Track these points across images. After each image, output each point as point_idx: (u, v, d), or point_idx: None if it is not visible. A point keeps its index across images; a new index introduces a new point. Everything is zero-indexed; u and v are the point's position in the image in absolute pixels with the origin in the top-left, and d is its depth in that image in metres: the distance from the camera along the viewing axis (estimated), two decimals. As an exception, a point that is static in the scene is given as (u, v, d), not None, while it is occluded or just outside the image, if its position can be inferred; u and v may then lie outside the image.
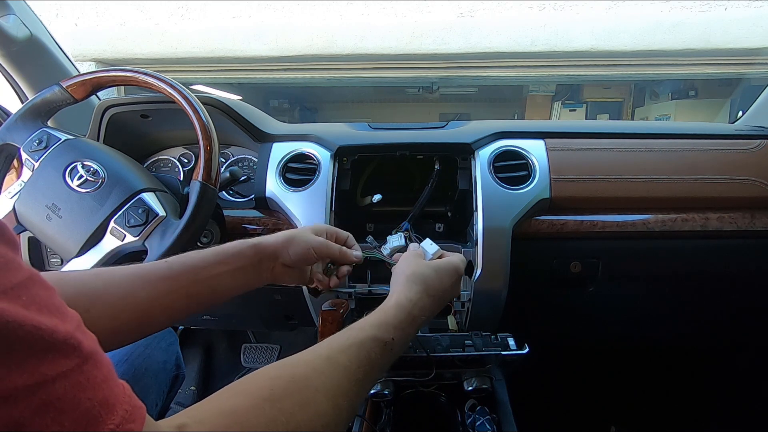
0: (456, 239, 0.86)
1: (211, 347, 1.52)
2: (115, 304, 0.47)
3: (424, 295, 0.52)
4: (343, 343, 0.42)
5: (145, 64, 4.13)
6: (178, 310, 0.51)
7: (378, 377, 0.44)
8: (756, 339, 1.04)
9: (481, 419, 0.69)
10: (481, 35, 4.02)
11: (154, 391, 0.72)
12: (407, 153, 0.87)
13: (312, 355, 0.40)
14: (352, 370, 0.40)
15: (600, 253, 0.86)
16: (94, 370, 0.24)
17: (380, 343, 0.44)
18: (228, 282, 0.54)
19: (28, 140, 0.74)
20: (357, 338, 0.43)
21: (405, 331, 0.48)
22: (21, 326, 0.21)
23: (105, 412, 0.23)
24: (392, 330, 0.46)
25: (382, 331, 0.45)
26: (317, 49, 4.12)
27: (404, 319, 0.48)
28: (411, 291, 0.52)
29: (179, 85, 0.73)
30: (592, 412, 1.22)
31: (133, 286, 0.49)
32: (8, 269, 0.22)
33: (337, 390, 0.38)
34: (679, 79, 4.98)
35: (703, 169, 0.85)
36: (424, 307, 0.51)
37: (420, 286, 0.53)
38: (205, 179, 0.70)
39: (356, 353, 0.41)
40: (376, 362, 0.43)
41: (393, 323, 0.47)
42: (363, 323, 0.46)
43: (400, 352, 0.48)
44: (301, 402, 0.34)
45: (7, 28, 0.93)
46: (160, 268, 0.51)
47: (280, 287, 0.89)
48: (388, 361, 0.45)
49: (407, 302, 0.50)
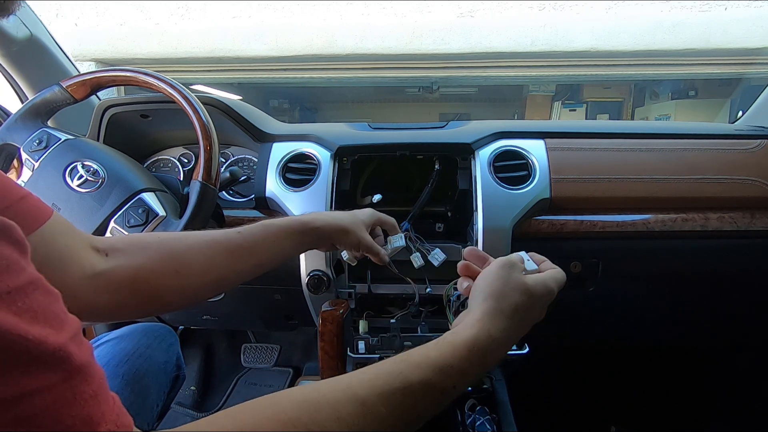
0: (456, 239, 0.86)
1: (211, 347, 1.52)
2: (199, 267, 0.52)
3: (512, 333, 0.41)
4: (386, 383, 0.33)
5: (145, 64, 4.13)
6: (247, 273, 0.57)
7: (425, 421, 0.35)
8: (756, 339, 1.04)
9: (481, 419, 0.69)
10: (481, 35, 4.02)
11: (155, 391, 0.72)
12: (407, 153, 0.87)
13: (341, 391, 0.32)
14: (390, 423, 0.32)
15: (600, 253, 0.86)
16: (82, 385, 0.23)
17: (437, 391, 0.35)
18: (289, 253, 0.60)
19: (28, 140, 0.74)
20: (406, 380, 0.33)
21: (472, 377, 0.38)
22: (6, 335, 0.20)
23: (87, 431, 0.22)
24: (457, 376, 0.36)
25: (443, 376, 0.35)
26: (317, 49, 4.12)
27: (477, 362, 0.38)
28: (495, 326, 0.40)
29: (179, 85, 0.73)
30: (592, 412, 1.22)
31: (213, 252, 0.53)
32: (9, 272, 0.22)
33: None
34: (679, 79, 4.98)
35: (703, 169, 0.85)
36: (506, 344, 0.41)
37: (510, 319, 0.41)
38: (205, 179, 0.70)
39: (400, 402, 0.33)
40: (422, 411, 0.34)
41: (460, 367, 0.36)
42: (421, 358, 0.36)
43: (456, 395, 0.38)
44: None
45: (7, 28, 0.93)
46: (234, 238, 0.56)
47: (281, 287, 0.89)
48: (439, 410, 0.36)
49: (487, 340, 0.39)
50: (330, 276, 0.80)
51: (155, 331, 0.79)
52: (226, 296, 0.92)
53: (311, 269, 0.80)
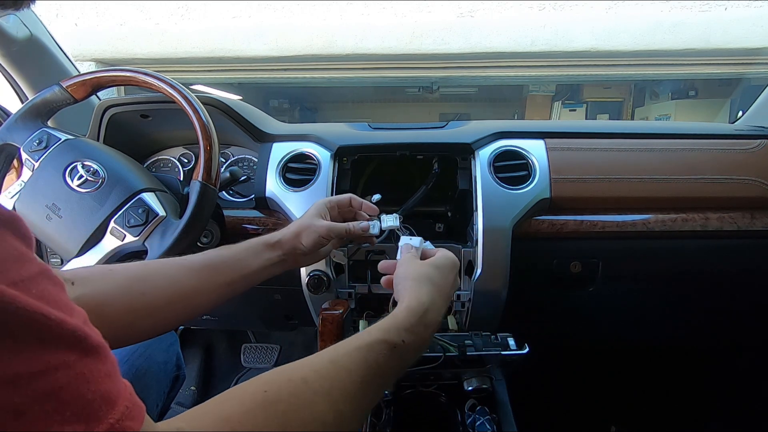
0: (456, 239, 0.86)
1: (211, 347, 1.52)
2: (165, 289, 0.52)
3: (436, 295, 0.51)
4: (348, 346, 0.41)
5: (145, 64, 4.13)
6: (218, 296, 0.57)
7: (388, 382, 0.43)
8: (756, 339, 1.04)
9: (481, 419, 0.69)
10: (481, 35, 4.02)
11: (155, 391, 0.72)
12: (407, 153, 0.87)
13: (315, 358, 0.39)
14: (357, 374, 0.39)
15: (600, 253, 0.86)
16: (98, 364, 0.24)
17: (388, 347, 0.42)
18: (260, 273, 0.61)
19: (28, 140, 0.74)
20: (363, 341, 0.42)
21: (418, 334, 0.46)
22: (30, 314, 0.21)
23: (106, 407, 0.23)
24: (403, 333, 0.44)
25: (390, 335, 0.44)
26: (317, 49, 4.12)
27: (416, 322, 0.46)
28: (421, 293, 0.50)
29: (179, 85, 0.73)
30: (592, 412, 1.22)
31: (177, 272, 0.54)
32: (21, 262, 0.23)
33: (339, 394, 0.37)
34: (679, 79, 4.98)
35: (703, 169, 0.85)
36: (436, 307, 0.50)
37: (428, 287, 0.52)
38: (205, 179, 0.70)
39: (362, 357, 0.40)
40: (385, 366, 0.41)
41: (404, 326, 0.45)
42: (372, 328, 0.45)
43: (415, 356, 0.47)
44: (298, 405, 0.34)
45: (7, 28, 0.93)
46: (198, 258, 0.57)
47: (281, 287, 0.89)
48: (400, 365, 0.44)
49: (418, 305, 0.48)
50: (330, 276, 0.80)
51: None
52: (226, 296, 0.92)
53: (311, 269, 0.80)
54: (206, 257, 0.57)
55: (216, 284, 0.56)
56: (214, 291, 0.56)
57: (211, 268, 0.56)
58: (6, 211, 0.23)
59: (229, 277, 0.57)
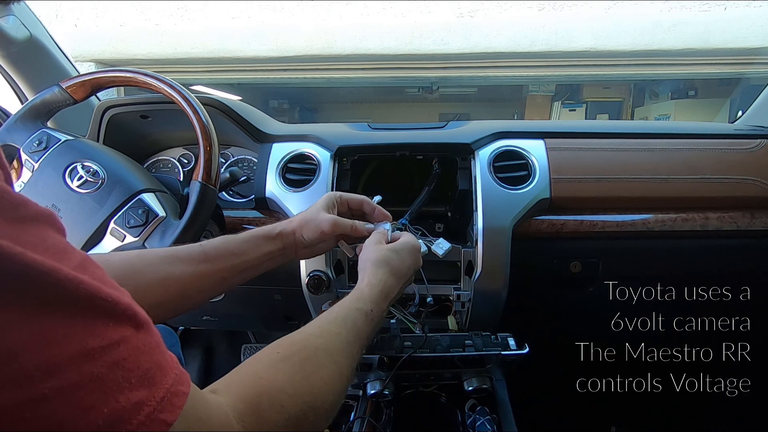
0: (456, 239, 0.86)
1: (211, 348, 1.52)
2: (158, 282, 0.52)
3: (390, 276, 0.58)
4: (331, 317, 0.49)
5: (145, 65, 4.14)
6: (212, 289, 0.57)
7: (366, 343, 0.52)
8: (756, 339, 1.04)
9: (481, 419, 0.69)
10: (481, 35, 4.03)
11: None
12: (407, 153, 0.87)
13: (308, 328, 0.46)
14: (343, 335, 0.47)
15: (600, 253, 0.86)
16: (148, 338, 0.27)
17: (362, 313, 0.51)
18: (259, 265, 0.60)
19: (27, 141, 0.74)
20: (342, 311, 0.50)
21: (379, 304, 0.54)
22: (93, 295, 0.24)
23: (160, 374, 0.26)
24: (369, 303, 0.53)
25: (362, 304, 0.52)
26: (317, 50, 4.12)
27: (376, 295, 0.55)
28: (378, 274, 0.57)
29: (179, 86, 0.73)
30: (592, 412, 1.22)
31: (172, 267, 0.53)
32: (67, 252, 0.25)
33: (334, 349, 0.45)
34: (679, 79, 4.98)
35: (703, 169, 0.85)
36: (391, 285, 0.58)
37: (385, 268, 0.58)
38: (205, 180, 0.70)
39: (344, 323, 0.48)
40: (362, 329, 0.50)
41: (369, 298, 0.54)
42: (344, 301, 0.53)
43: (380, 323, 0.56)
44: (306, 357, 0.41)
45: (7, 29, 0.93)
46: (195, 252, 0.56)
47: (281, 287, 0.89)
48: (372, 329, 0.53)
49: (377, 282, 0.56)
50: (330, 276, 0.80)
51: None
52: (226, 297, 0.92)
53: (311, 269, 0.80)
54: (204, 249, 0.57)
55: (213, 277, 0.56)
56: (211, 284, 0.56)
57: (208, 261, 0.56)
58: (43, 208, 0.25)
59: (226, 269, 0.57)
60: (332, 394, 0.42)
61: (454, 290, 0.81)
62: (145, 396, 0.24)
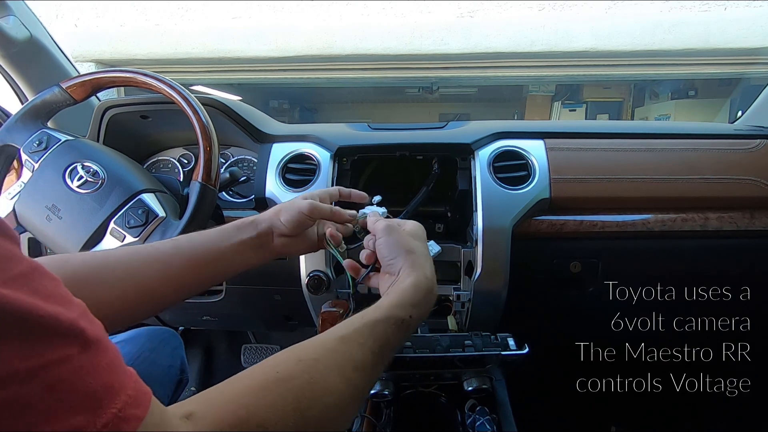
0: (456, 239, 0.86)
1: (211, 348, 1.52)
2: (123, 280, 0.48)
3: (432, 267, 0.53)
4: (357, 322, 0.42)
5: (145, 65, 4.14)
6: (186, 286, 0.52)
7: (396, 350, 0.45)
8: (756, 339, 1.04)
9: (481, 419, 0.69)
10: (481, 35, 4.03)
11: (159, 395, 0.72)
12: (407, 153, 0.87)
13: (326, 336, 0.40)
14: (368, 348, 0.40)
15: (600, 253, 0.86)
16: (97, 357, 0.24)
17: (397, 321, 0.44)
18: (233, 258, 0.55)
19: (28, 141, 0.74)
20: (372, 317, 0.43)
21: (423, 308, 0.48)
22: (24, 312, 0.21)
23: (109, 397, 0.24)
24: (410, 308, 0.46)
25: (399, 310, 0.45)
26: (317, 50, 4.12)
27: (422, 298, 0.48)
28: (426, 269, 0.51)
29: (179, 86, 0.73)
30: (592, 412, 1.22)
31: (140, 264, 0.50)
32: (10, 260, 0.23)
33: (351, 367, 0.38)
34: (679, 79, 4.98)
35: (703, 169, 0.85)
36: (434, 279, 0.52)
37: (428, 262, 0.53)
38: (205, 180, 0.70)
39: (370, 332, 0.42)
40: (392, 339, 0.43)
41: (412, 302, 0.47)
42: (380, 303, 0.46)
43: (416, 328, 0.49)
44: (310, 381, 0.35)
45: (7, 29, 0.93)
46: (166, 247, 0.52)
47: (280, 288, 0.89)
48: (405, 338, 0.46)
49: (426, 281, 0.49)
50: (330, 276, 0.80)
51: (160, 334, 0.79)
52: (226, 297, 0.93)
53: (311, 270, 0.80)
54: (175, 243, 0.53)
55: (182, 273, 0.52)
56: (180, 282, 0.52)
57: (177, 257, 0.52)
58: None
59: (200, 263, 0.53)
60: (337, 422, 0.36)
61: (454, 290, 0.81)
62: (85, 421, 0.22)
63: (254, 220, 0.58)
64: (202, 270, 0.53)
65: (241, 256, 0.56)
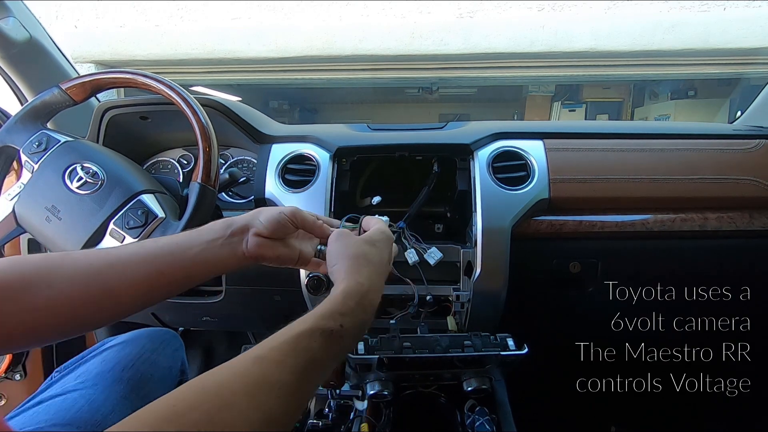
0: (455, 240, 0.86)
1: (210, 348, 1.52)
2: (80, 281, 0.45)
3: (374, 276, 0.49)
4: (278, 339, 0.39)
5: (145, 66, 4.14)
6: (150, 289, 0.49)
7: (327, 371, 0.41)
8: (756, 339, 1.04)
9: (481, 419, 0.69)
10: (481, 36, 4.03)
11: (160, 396, 0.72)
12: (406, 154, 0.87)
13: (239, 358, 0.37)
14: (288, 367, 0.36)
15: (599, 253, 0.86)
16: None
17: (324, 333, 0.40)
18: (202, 257, 0.51)
19: (27, 142, 0.74)
20: (295, 331, 0.39)
21: (357, 317, 0.44)
22: None
23: None
24: (339, 317, 0.42)
25: (327, 321, 0.41)
26: (317, 50, 4.12)
27: (354, 306, 0.44)
28: (360, 275, 0.48)
29: (178, 87, 0.73)
30: (592, 412, 1.22)
31: (100, 264, 0.47)
32: None
33: (266, 390, 0.34)
34: (679, 79, 4.99)
35: (702, 169, 0.85)
36: (375, 288, 0.48)
37: (367, 267, 0.49)
38: (205, 181, 0.70)
39: (291, 348, 0.38)
40: (321, 354, 0.39)
41: (341, 310, 0.43)
42: (307, 315, 0.42)
43: (355, 341, 0.46)
44: (213, 411, 0.31)
45: (7, 30, 0.93)
46: (130, 249, 0.50)
47: (280, 288, 0.89)
48: (339, 352, 0.42)
49: (357, 286, 0.46)
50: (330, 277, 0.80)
51: (161, 336, 0.79)
52: (225, 297, 0.93)
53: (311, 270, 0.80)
54: (139, 245, 0.50)
55: (146, 275, 0.48)
56: (142, 285, 0.48)
57: (138, 257, 0.49)
58: None
59: (164, 267, 0.49)
60: None
61: (454, 291, 0.81)
62: None
63: (231, 219, 0.55)
64: (165, 269, 0.49)
65: (209, 254, 0.52)
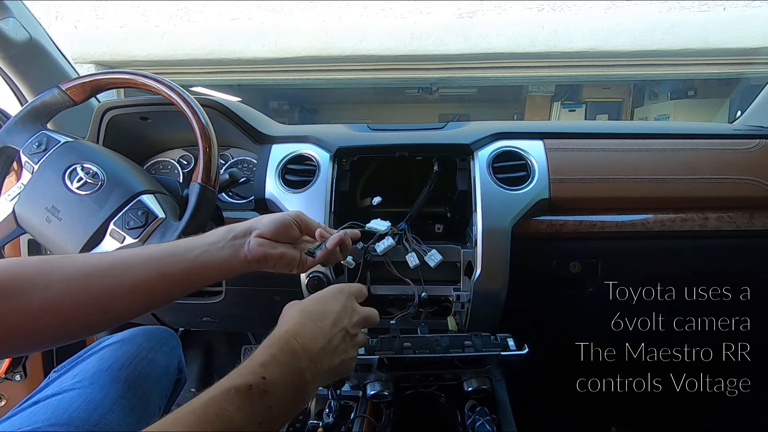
0: (455, 240, 0.86)
1: (210, 349, 1.52)
2: (80, 283, 0.44)
3: (305, 320, 0.47)
4: (185, 408, 0.35)
5: (145, 66, 4.14)
6: (150, 291, 0.48)
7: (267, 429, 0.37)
8: (756, 339, 1.04)
9: (481, 420, 0.69)
10: (481, 36, 4.03)
11: (157, 395, 0.72)
12: (406, 154, 0.87)
13: (163, 421, 0.33)
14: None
15: (599, 253, 0.86)
16: None
17: (240, 392, 0.36)
18: (203, 259, 0.51)
19: (27, 143, 0.74)
20: (204, 399, 0.36)
21: (285, 365, 0.41)
22: None
23: None
24: (260, 369, 0.39)
25: (242, 377, 0.38)
26: (317, 51, 4.12)
27: (277, 352, 0.41)
28: (285, 322, 0.47)
29: (178, 87, 0.73)
30: (592, 412, 1.22)
31: (101, 265, 0.46)
32: None
33: None
34: (679, 79, 4.98)
35: (702, 169, 0.85)
36: (305, 332, 0.45)
37: (296, 313, 0.48)
38: (205, 181, 0.70)
39: (196, 420, 0.34)
40: (238, 415, 0.35)
41: (261, 360, 0.40)
42: (221, 381, 0.38)
43: (293, 393, 0.40)
44: None
45: (7, 31, 0.93)
46: (132, 250, 0.49)
47: (280, 289, 0.89)
48: (266, 409, 0.37)
49: (279, 332, 0.44)
50: (330, 277, 0.80)
51: (158, 334, 0.79)
52: (226, 298, 0.93)
53: (311, 270, 0.80)
54: (141, 249, 0.50)
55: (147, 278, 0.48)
56: (143, 288, 0.47)
57: (138, 258, 0.48)
58: None
59: (165, 270, 0.49)
60: None
61: (454, 291, 0.81)
62: None
63: (234, 224, 0.56)
64: (165, 270, 0.49)
65: (210, 256, 0.52)
